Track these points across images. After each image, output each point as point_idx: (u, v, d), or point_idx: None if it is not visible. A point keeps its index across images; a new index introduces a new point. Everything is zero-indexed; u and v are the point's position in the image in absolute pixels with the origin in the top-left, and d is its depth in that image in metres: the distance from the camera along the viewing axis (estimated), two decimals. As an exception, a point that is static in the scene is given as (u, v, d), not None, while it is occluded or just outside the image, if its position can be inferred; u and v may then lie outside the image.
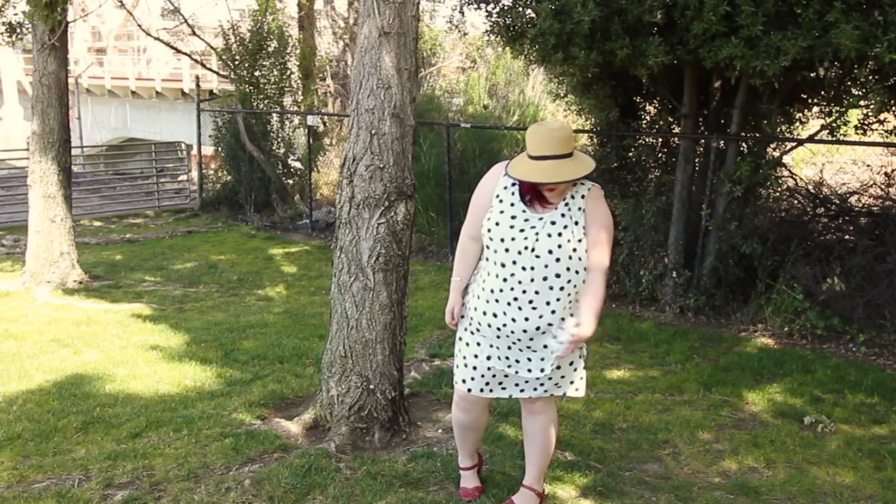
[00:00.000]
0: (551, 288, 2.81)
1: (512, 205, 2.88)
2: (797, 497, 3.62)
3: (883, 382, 5.30)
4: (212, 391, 4.70)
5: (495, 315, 2.89)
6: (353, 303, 3.79)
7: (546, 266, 2.79)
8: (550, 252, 2.78)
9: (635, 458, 3.96)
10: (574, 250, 2.80)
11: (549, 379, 3.00)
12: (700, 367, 5.61)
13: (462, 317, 3.09)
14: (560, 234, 2.79)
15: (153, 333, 6.11)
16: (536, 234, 2.81)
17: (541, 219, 2.83)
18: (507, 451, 3.79)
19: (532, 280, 2.81)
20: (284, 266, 9.49)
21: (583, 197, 2.85)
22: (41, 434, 4.01)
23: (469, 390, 3.07)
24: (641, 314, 7.12)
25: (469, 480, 3.38)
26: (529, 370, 2.95)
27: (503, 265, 2.85)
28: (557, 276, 2.80)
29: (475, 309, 2.98)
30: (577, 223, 2.81)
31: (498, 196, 2.92)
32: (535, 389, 3.03)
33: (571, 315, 2.85)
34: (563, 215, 2.82)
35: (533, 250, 2.79)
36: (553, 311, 2.83)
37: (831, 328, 6.24)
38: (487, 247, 2.91)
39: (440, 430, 4.05)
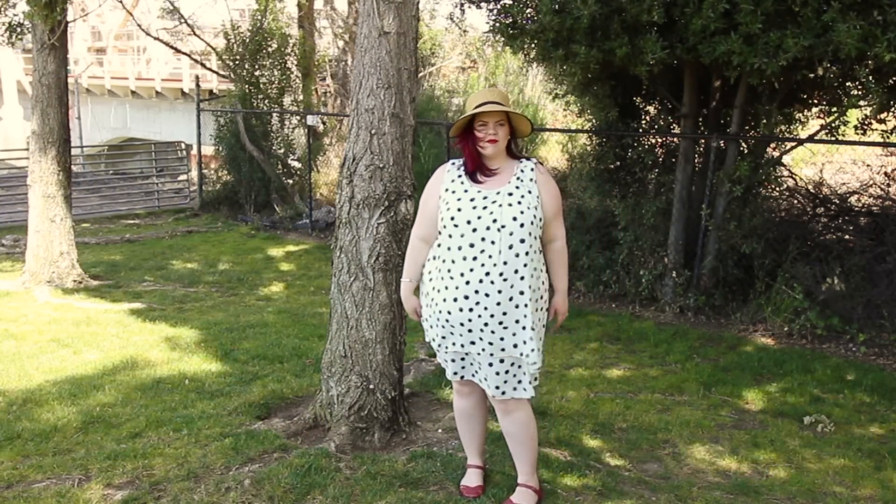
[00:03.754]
0: (517, 255, 2.97)
1: (465, 191, 3.07)
2: (797, 497, 3.62)
3: (883, 382, 5.30)
4: (212, 391, 4.70)
5: (466, 297, 2.99)
6: (352, 303, 3.79)
7: (511, 234, 2.97)
8: (515, 219, 2.97)
9: (635, 458, 3.96)
10: (535, 216, 3.01)
11: (514, 376, 3.08)
12: (700, 367, 5.61)
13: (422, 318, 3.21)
14: (520, 203, 3.01)
15: (153, 333, 6.11)
16: (499, 206, 3.00)
17: (498, 193, 3.04)
18: (507, 450, 3.79)
19: (500, 252, 2.97)
20: (284, 266, 9.50)
21: (532, 170, 3.11)
22: (41, 434, 4.01)
23: (462, 377, 3.20)
24: (641, 314, 7.12)
25: (473, 478, 3.39)
26: (503, 349, 3.02)
27: (471, 245, 3.00)
28: (522, 241, 2.97)
29: (437, 303, 3.06)
30: (530, 192, 3.05)
31: (447, 189, 3.11)
32: (496, 387, 3.09)
33: (541, 281, 3.06)
34: (517, 187, 3.05)
35: (496, 221, 2.97)
36: (522, 278, 2.98)
37: (831, 328, 6.24)
38: (450, 235, 3.04)
39: (440, 430, 4.05)
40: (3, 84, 27.54)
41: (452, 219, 3.02)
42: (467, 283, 2.99)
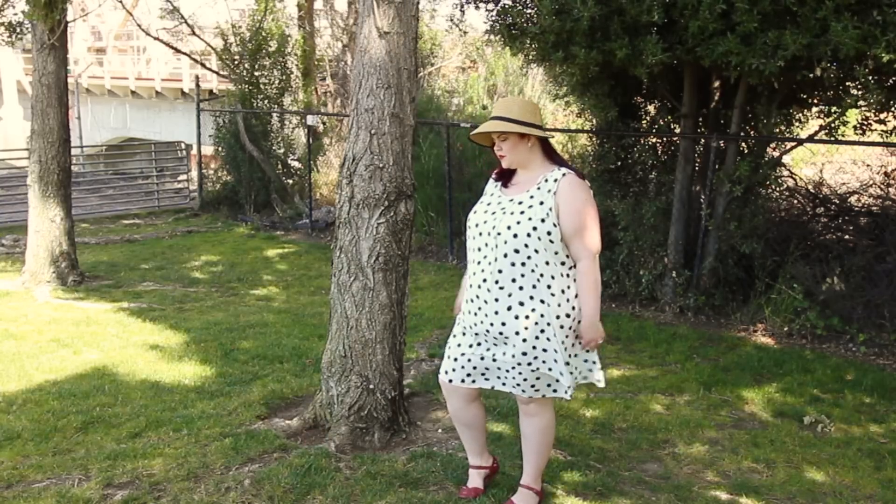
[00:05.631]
0: (513, 265, 2.91)
1: (491, 195, 3.12)
2: (797, 497, 3.62)
3: (883, 382, 5.30)
4: (212, 391, 4.70)
5: (472, 300, 3.02)
6: (352, 303, 3.79)
7: (506, 242, 2.92)
8: (509, 228, 2.92)
9: (635, 458, 3.96)
10: (535, 228, 2.90)
11: (525, 379, 3.00)
12: (700, 367, 5.61)
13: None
14: (522, 213, 2.93)
15: (153, 333, 6.11)
16: (504, 211, 2.98)
17: (511, 200, 3.01)
18: (507, 450, 3.80)
19: (496, 259, 2.94)
20: (284, 266, 9.49)
21: (556, 181, 2.96)
22: (41, 434, 4.01)
23: (450, 381, 3.17)
24: (641, 314, 7.12)
25: (471, 480, 3.38)
26: (504, 353, 2.99)
27: (479, 249, 3.02)
28: (517, 251, 2.90)
29: (464, 302, 3.12)
30: (542, 203, 2.93)
31: (484, 194, 3.18)
32: (516, 385, 3.04)
33: (552, 295, 2.91)
34: (531, 196, 2.97)
35: (495, 227, 2.95)
36: (521, 288, 2.91)
37: (831, 328, 6.24)
38: (467, 238, 3.10)
39: (440, 430, 4.05)
40: (3, 84, 27.54)
41: (469, 220, 3.09)
42: (470, 286, 3.04)
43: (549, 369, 2.98)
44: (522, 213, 2.92)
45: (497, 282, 2.93)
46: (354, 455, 3.66)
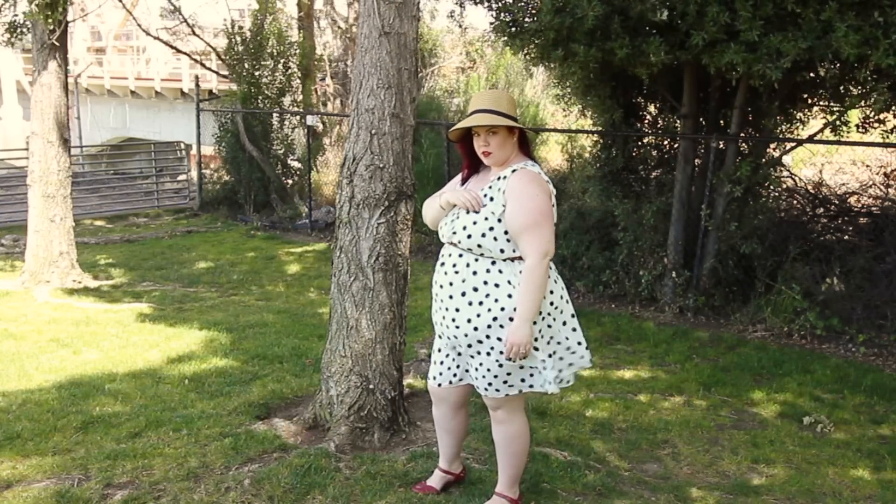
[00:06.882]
0: (468, 265, 2.87)
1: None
2: (797, 497, 3.62)
3: (882, 382, 5.31)
4: (212, 391, 4.69)
5: (438, 301, 2.98)
6: (352, 303, 3.79)
7: (459, 242, 2.88)
8: (464, 228, 2.85)
9: (635, 458, 3.96)
10: (491, 229, 2.80)
11: (496, 376, 2.91)
12: (700, 367, 5.61)
13: None
14: (477, 212, 2.84)
15: (153, 333, 6.11)
16: (460, 213, 2.90)
17: None
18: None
19: (455, 264, 2.91)
20: (284, 266, 9.49)
21: (505, 178, 2.85)
22: (41, 434, 4.01)
23: (439, 385, 3.15)
24: (641, 314, 7.12)
25: (432, 479, 3.34)
26: (466, 347, 2.93)
27: (441, 250, 3.01)
28: (469, 249, 2.86)
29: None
30: (492, 199, 2.84)
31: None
32: (489, 385, 2.94)
33: (510, 297, 2.80)
34: (485, 195, 2.88)
35: (455, 233, 2.88)
36: (476, 289, 2.84)
37: (831, 328, 6.24)
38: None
39: (440, 430, 4.05)
40: (3, 84, 27.54)
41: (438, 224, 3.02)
42: (434, 283, 3.00)
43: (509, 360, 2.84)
44: (477, 212, 2.84)
45: (452, 283, 2.90)
46: (354, 455, 3.66)
